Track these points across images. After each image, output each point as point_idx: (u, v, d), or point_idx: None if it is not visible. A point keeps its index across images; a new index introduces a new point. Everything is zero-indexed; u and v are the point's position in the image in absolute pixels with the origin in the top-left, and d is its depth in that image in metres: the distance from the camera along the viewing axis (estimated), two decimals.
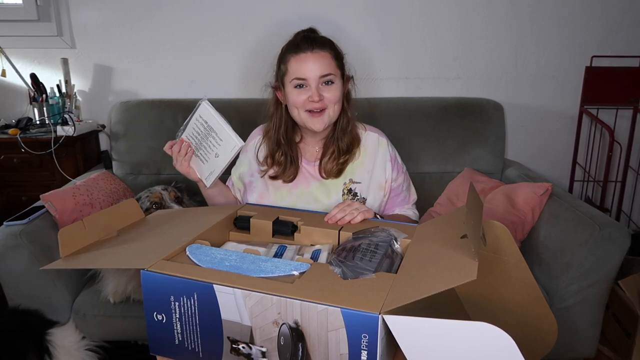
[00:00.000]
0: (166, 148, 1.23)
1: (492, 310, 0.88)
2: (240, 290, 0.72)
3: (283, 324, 0.71)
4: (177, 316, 0.78)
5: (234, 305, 0.73)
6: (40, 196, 1.52)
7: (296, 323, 0.70)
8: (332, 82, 1.19)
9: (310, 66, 1.17)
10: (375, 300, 0.69)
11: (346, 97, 1.27)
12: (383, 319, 0.65)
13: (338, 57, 1.22)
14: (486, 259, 0.82)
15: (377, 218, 1.14)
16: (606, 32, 2.03)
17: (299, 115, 1.22)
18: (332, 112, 1.22)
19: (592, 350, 1.45)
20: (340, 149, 1.27)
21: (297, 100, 1.20)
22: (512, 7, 2.00)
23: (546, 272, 1.44)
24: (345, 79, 1.25)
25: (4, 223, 1.42)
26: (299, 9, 1.97)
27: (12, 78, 2.03)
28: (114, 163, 1.93)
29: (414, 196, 1.41)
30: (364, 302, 0.68)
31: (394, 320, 0.63)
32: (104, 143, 2.11)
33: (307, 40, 1.19)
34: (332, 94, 1.19)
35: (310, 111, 1.20)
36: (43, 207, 1.52)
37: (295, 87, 1.20)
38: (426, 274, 0.74)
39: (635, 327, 1.53)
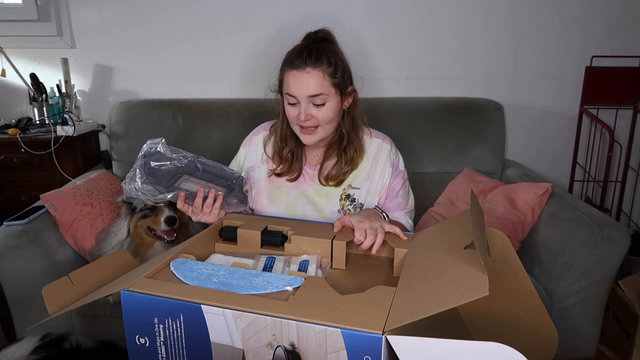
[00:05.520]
0: (181, 207, 1.11)
1: (492, 320, 0.86)
2: (230, 310, 0.67)
3: (278, 346, 0.66)
4: (162, 339, 0.72)
5: (224, 326, 0.68)
6: (40, 196, 1.52)
7: (292, 345, 0.65)
8: (323, 104, 1.15)
9: (300, 85, 1.13)
10: (377, 318, 0.64)
11: (347, 111, 1.23)
12: (387, 340, 0.60)
13: (335, 73, 1.15)
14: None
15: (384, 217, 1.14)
16: (606, 32, 2.03)
17: (293, 127, 1.22)
18: (323, 131, 1.19)
19: (592, 350, 1.45)
20: (343, 160, 1.25)
21: (289, 115, 1.19)
22: (511, 7, 2.00)
23: (546, 272, 1.44)
24: (347, 92, 1.20)
25: (4, 223, 1.42)
26: (298, 9, 1.97)
27: (12, 78, 2.03)
28: (114, 163, 1.92)
29: (410, 205, 1.34)
30: (365, 321, 0.64)
31: (399, 342, 0.59)
32: (104, 143, 2.11)
33: (303, 54, 1.14)
34: (321, 114, 1.15)
35: (301, 126, 1.19)
36: (43, 207, 1.52)
37: (289, 102, 1.18)
38: (430, 288, 0.69)
39: (635, 327, 1.52)
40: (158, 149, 0.99)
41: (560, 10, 2.00)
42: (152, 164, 0.98)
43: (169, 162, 0.99)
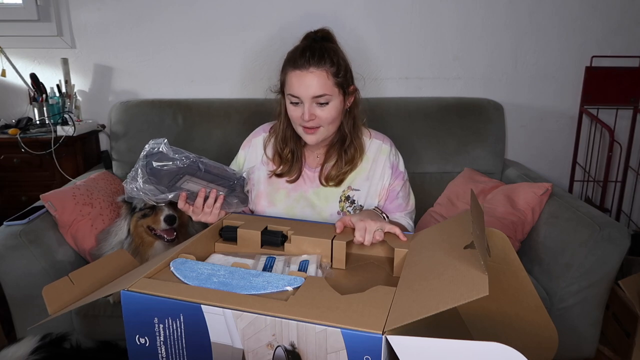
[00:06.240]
0: (182, 206, 1.12)
1: (492, 320, 0.86)
2: (230, 310, 0.67)
3: (278, 346, 0.66)
4: (162, 339, 0.72)
5: (224, 326, 0.68)
6: (40, 196, 1.52)
7: (292, 345, 0.65)
8: (327, 103, 1.15)
9: (304, 85, 1.13)
10: (377, 318, 0.64)
11: (349, 110, 1.22)
12: (387, 340, 0.61)
13: (338, 73, 1.15)
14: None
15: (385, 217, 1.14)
16: (606, 32, 2.03)
17: (295, 127, 1.22)
18: (325, 131, 1.19)
19: (592, 350, 1.45)
20: (343, 160, 1.25)
21: (292, 115, 1.19)
22: (511, 7, 2.00)
23: (546, 272, 1.44)
24: (350, 91, 1.20)
25: (4, 223, 1.42)
26: (298, 9, 1.97)
27: (12, 78, 2.03)
28: (114, 163, 1.92)
29: (411, 207, 1.33)
30: (365, 321, 0.64)
31: (399, 342, 0.59)
32: (104, 143, 2.11)
33: (306, 54, 1.13)
34: (325, 113, 1.15)
35: (304, 126, 1.18)
36: (43, 207, 1.52)
37: (291, 102, 1.18)
38: (430, 288, 0.69)
39: (635, 327, 1.52)
40: (160, 149, 0.99)
41: (560, 10, 2.00)
42: (154, 164, 0.98)
43: (171, 163, 1.00)
